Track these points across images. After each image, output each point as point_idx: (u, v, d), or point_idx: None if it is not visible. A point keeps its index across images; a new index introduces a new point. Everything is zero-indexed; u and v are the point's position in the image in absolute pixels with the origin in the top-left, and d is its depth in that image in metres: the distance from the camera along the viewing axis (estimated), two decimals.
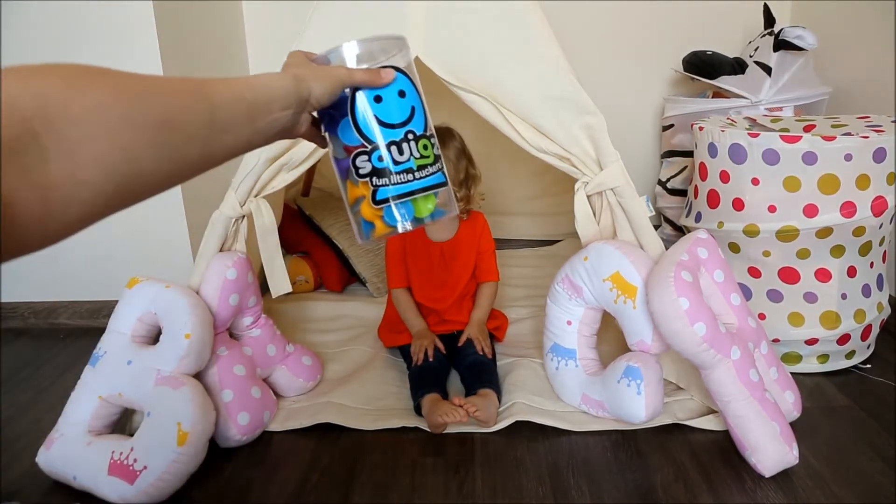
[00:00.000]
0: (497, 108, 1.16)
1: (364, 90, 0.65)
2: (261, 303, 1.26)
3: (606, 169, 1.16)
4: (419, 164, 0.67)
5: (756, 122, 1.57)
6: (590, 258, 1.16)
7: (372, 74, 0.64)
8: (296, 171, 1.19)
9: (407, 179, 0.66)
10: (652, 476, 1.05)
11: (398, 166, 0.66)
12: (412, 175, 0.67)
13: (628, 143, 1.57)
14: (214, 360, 1.14)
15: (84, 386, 1.10)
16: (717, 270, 1.13)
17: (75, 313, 1.70)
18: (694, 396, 1.23)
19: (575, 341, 1.22)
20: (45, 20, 1.49)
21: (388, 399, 1.28)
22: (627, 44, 2.12)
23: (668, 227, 2.00)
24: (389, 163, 0.66)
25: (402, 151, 0.66)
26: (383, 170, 0.66)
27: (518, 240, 2.23)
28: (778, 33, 1.68)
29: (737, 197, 1.30)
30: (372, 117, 0.66)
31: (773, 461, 1.03)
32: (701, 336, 1.01)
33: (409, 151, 0.66)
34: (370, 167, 0.66)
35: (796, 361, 1.36)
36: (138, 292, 1.15)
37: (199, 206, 1.64)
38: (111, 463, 1.00)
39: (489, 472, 1.07)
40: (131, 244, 1.64)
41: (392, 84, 0.67)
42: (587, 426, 1.18)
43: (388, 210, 0.67)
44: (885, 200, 1.23)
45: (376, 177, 0.66)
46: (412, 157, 0.67)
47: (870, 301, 1.33)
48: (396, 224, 0.68)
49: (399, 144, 0.66)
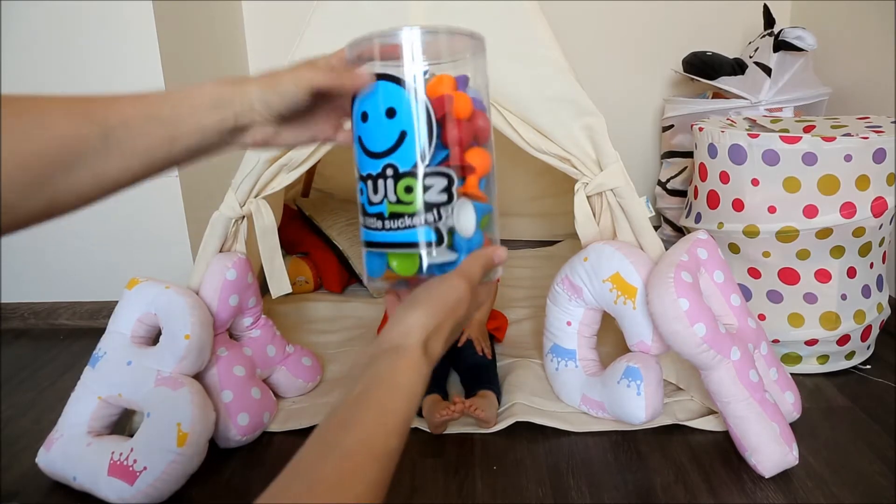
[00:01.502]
0: (497, 108, 1.16)
1: (357, 98, 0.54)
2: (261, 303, 1.26)
3: (606, 170, 1.16)
4: (392, 212, 0.52)
5: (756, 122, 1.56)
6: (590, 259, 1.16)
7: (335, 77, 0.53)
8: (296, 171, 1.19)
9: (375, 227, 0.53)
10: (652, 477, 1.05)
11: (372, 207, 0.53)
12: (381, 223, 0.52)
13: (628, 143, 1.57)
14: (214, 361, 1.14)
15: (84, 386, 1.10)
16: (717, 271, 1.13)
17: (75, 314, 1.70)
18: (694, 397, 1.23)
19: (575, 342, 1.22)
20: (45, 20, 1.49)
21: None
22: (627, 44, 2.12)
23: (668, 227, 2.00)
24: (364, 200, 0.54)
25: (376, 190, 0.52)
26: (361, 206, 0.54)
27: (518, 240, 2.23)
28: (778, 34, 1.68)
29: (737, 198, 1.30)
30: (356, 138, 0.54)
31: (773, 462, 1.03)
32: (701, 337, 1.01)
33: (384, 192, 0.52)
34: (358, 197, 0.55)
35: (796, 362, 1.36)
36: (138, 293, 1.15)
37: (199, 207, 1.64)
38: (111, 463, 1.00)
39: (489, 473, 1.07)
40: (131, 245, 1.64)
41: (372, 97, 0.52)
42: (587, 427, 1.18)
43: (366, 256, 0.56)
44: (884, 201, 1.23)
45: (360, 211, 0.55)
46: (385, 199, 0.52)
47: (870, 302, 1.33)
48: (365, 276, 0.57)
49: (375, 180, 0.52)
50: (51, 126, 0.44)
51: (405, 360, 0.47)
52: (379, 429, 0.43)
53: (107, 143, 0.46)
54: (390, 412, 0.44)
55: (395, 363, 0.47)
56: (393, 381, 0.45)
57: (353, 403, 0.44)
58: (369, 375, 0.46)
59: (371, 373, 0.46)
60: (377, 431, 0.43)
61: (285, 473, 0.40)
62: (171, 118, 0.49)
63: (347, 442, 0.41)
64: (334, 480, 0.39)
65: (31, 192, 0.43)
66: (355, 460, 0.41)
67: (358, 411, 0.43)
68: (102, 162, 0.46)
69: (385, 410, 0.44)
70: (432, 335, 0.49)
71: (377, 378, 0.46)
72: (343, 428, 0.42)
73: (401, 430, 0.44)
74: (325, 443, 0.42)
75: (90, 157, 0.45)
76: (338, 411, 0.44)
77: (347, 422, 0.43)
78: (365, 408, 0.44)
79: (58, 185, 0.44)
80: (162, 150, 0.49)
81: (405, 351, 0.47)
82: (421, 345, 0.48)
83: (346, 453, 0.41)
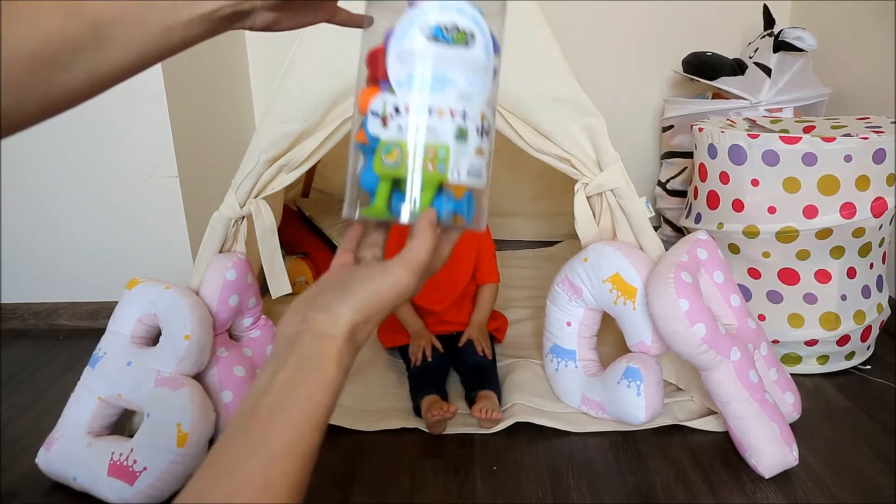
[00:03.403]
0: (497, 108, 1.16)
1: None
2: (261, 304, 1.26)
3: (606, 170, 1.16)
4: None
5: (756, 123, 1.57)
6: (590, 259, 1.16)
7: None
8: (296, 172, 1.19)
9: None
10: (652, 477, 1.05)
11: None
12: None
13: (628, 144, 1.57)
14: (214, 361, 1.14)
15: (84, 387, 1.10)
16: (717, 271, 1.13)
17: (75, 314, 1.70)
18: (694, 397, 1.23)
19: (575, 342, 1.22)
20: None
21: (387, 400, 1.28)
22: (627, 44, 2.13)
23: (667, 228, 2.00)
24: None
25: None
26: None
27: (518, 241, 2.23)
28: (778, 34, 1.68)
29: (736, 198, 1.30)
30: None
31: (773, 462, 1.03)
32: (701, 337, 1.01)
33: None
34: None
35: (796, 362, 1.36)
36: (138, 293, 1.15)
37: (199, 207, 1.64)
38: (111, 464, 1.00)
39: (489, 473, 1.07)
40: (131, 245, 1.64)
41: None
42: (587, 427, 1.18)
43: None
44: (884, 201, 1.23)
45: None
46: None
47: (869, 302, 1.33)
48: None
49: None
50: (42, 25, 0.43)
51: (332, 352, 0.46)
52: (305, 427, 0.43)
53: (100, 38, 0.45)
54: (315, 408, 0.44)
55: (322, 354, 0.46)
56: (320, 375, 0.45)
57: (278, 393, 0.43)
58: (295, 362, 0.45)
59: (296, 359, 0.45)
60: (304, 430, 0.42)
61: (208, 468, 0.40)
62: (167, 7, 0.48)
63: (274, 442, 0.41)
64: (261, 484, 0.39)
65: (25, 94, 0.42)
66: (282, 461, 0.40)
67: (284, 406, 0.43)
68: (96, 57, 0.45)
69: (311, 407, 0.43)
70: (360, 326, 0.48)
71: (304, 368, 0.45)
72: (270, 423, 0.42)
73: (323, 425, 0.44)
74: (252, 439, 0.41)
75: (83, 53, 0.44)
76: (263, 399, 0.43)
77: (274, 417, 0.42)
78: (292, 402, 0.43)
79: (52, 83, 0.44)
80: (158, 42, 0.48)
81: (333, 342, 0.46)
82: (348, 336, 0.47)
83: (273, 454, 0.41)
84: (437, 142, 0.52)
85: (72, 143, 1.55)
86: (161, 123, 1.53)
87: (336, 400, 0.46)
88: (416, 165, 0.52)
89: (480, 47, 0.53)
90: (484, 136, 0.55)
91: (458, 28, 0.52)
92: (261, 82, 2.12)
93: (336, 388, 0.45)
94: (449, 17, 0.52)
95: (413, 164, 0.52)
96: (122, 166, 1.58)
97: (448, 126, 0.52)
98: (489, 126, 0.55)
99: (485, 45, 0.54)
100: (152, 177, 1.58)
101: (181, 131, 1.58)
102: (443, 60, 0.52)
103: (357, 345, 0.48)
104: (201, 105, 1.74)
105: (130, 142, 1.55)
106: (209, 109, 1.81)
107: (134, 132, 1.54)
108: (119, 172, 1.58)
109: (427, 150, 0.52)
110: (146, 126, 1.53)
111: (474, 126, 0.54)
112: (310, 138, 1.16)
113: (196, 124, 1.70)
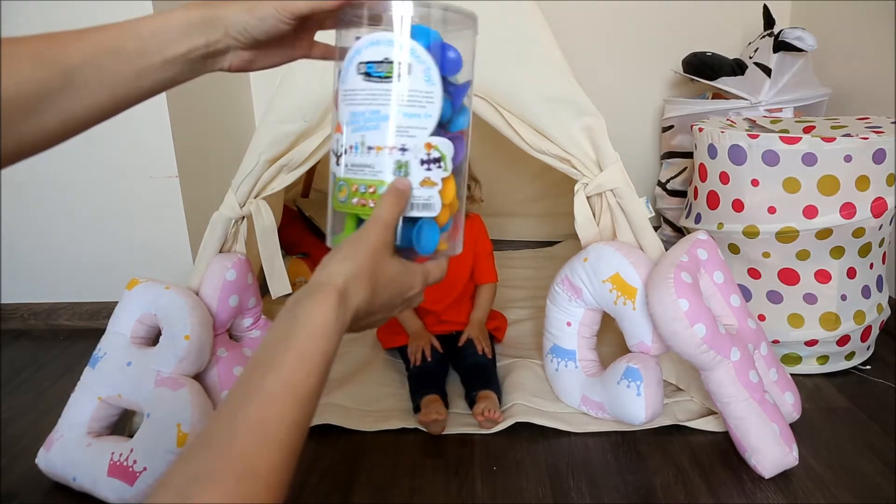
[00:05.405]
0: (496, 109, 1.16)
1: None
2: (261, 304, 1.26)
3: (606, 170, 1.16)
4: None
5: (756, 123, 1.57)
6: (589, 259, 1.16)
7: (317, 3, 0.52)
8: (295, 172, 1.19)
9: None
10: (652, 477, 1.05)
11: None
12: None
13: (628, 144, 1.57)
14: (214, 362, 1.14)
15: (84, 387, 1.10)
16: (717, 272, 1.13)
17: (75, 314, 1.70)
18: (694, 398, 1.23)
19: (575, 342, 1.22)
20: (45, 20, 1.49)
21: (387, 400, 1.28)
22: (627, 44, 2.13)
23: (667, 228, 2.00)
24: None
25: None
26: None
27: (518, 241, 2.23)
28: (778, 34, 1.68)
29: (736, 198, 1.30)
30: None
31: (773, 462, 1.03)
32: (700, 337, 1.01)
33: None
34: None
35: (796, 363, 1.36)
36: (138, 293, 1.15)
37: (199, 208, 1.64)
38: (111, 464, 1.00)
39: (489, 474, 1.07)
40: (131, 245, 1.64)
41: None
42: (587, 427, 1.18)
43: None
44: (884, 202, 1.23)
45: None
46: None
47: (869, 302, 1.33)
48: None
49: None
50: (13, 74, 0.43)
51: (321, 298, 0.47)
52: (300, 371, 0.44)
53: (71, 83, 0.45)
54: (309, 353, 0.45)
55: (312, 303, 0.47)
56: (310, 321, 0.46)
57: (273, 346, 0.45)
58: (289, 318, 0.47)
59: (291, 316, 0.47)
60: (298, 374, 0.44)
61: (211, 418, 0.41)
62: (138, 51, 0.48)
63: (269, 385, 0.42)
64: (256, 423, 0.40)
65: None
66: (278, 402, 0.42)
67: (279, 354, 0.44)
68: (68, 102, 0.46)
69: (304, 352, 0.45)
70: (352, 279, 0.50)
71: (296, 320, 0.47)
72: (265, 372, 0.43)
73: (319, 370, 0.45)
74: (249, 387, 0.43)
75: (55, 98, 0.45)
76: (261, 355, 0.45)
77: (269, 365, 0.44)
78: (285, 350, 0.45)
79: (23, 128, 0.44)
80: (131, 85, 0.48)
81: (322, 289, 0.48)
82: (339, 287, 0.49)
83: (268, 397, 0.42)
84: (376, 179, 0.53)
85: (71, 144, 1.54)
86: (161, 124, 1.53)
87: (333, 345, 0.47)
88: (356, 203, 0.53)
89: (418, 77, 0.53)
90: (433, 165, 0.54)
91: (390, 62, 0.52)
92: (261, 82, 2.12)
93: (328, 332, 0.47)
94: (380, 51, 0.52)
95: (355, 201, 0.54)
96: (122, 166, 1.58)
97: (386, 162, 0.53)
98: (440, 155, 0.55)
99: (424, 72, 0.53)
100: (152, 177, 1.58)
101: (181, 131, 1.58)
102: (376, 97, 0.52)
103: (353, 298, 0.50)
104: (201, 105, 1.74)
105: (130, 142, 1.55)
106: (209, 109, 1.81)
107: (134, 132, 1.54)
108: (119, 172, 1.58)
109: (368, 187, 0.53)
110: (146, 126, 1.53)
111: (416, 159, 0.53)
112: (310, 138, 1.16)
113: (196, 124, 1.70)
